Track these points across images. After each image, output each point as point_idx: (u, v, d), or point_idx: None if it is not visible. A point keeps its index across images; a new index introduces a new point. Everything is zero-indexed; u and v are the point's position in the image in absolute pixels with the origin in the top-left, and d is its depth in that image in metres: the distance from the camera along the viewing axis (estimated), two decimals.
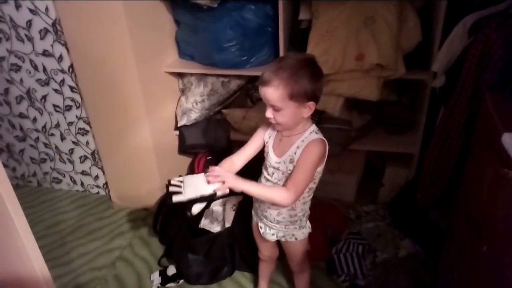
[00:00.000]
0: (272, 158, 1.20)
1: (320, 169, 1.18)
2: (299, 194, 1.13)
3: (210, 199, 1.10)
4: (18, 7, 1.79)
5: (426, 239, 1.68)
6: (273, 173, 1.20)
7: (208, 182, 1.10)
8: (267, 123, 1.20)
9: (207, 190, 1.08)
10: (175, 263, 1.74)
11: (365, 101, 1.78)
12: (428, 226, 1.70)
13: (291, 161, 1.15)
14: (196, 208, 1.10)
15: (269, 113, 1.12)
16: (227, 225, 1.73)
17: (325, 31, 1.69)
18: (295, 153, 1.14)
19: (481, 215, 1.05)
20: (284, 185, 1.15)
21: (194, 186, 1.10)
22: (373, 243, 1.74)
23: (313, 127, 1.18)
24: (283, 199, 1.11)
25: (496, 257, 0.94)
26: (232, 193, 1.13)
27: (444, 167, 1.57)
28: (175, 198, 1.07)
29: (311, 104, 1.10)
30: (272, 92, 1.07)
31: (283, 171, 1.18)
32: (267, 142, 1.23)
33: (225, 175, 1.11)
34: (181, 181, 1.12)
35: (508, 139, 0.87)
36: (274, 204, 1.21)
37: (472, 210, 1.12)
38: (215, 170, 1.13)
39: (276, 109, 1.10)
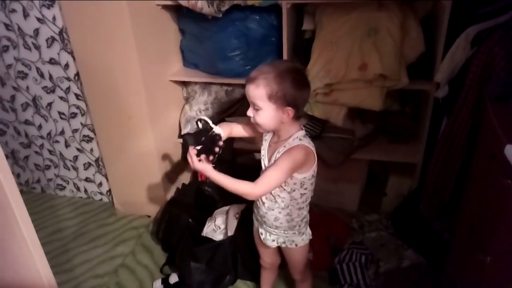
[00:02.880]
0: (265, 162, 1.24)
1: (308, 175, 1.17)
2: (264, 190, 1.15)
3: None
4: (26, 16, 1.82)
5: (429, 250, 1.67)
6: None
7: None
8: None
9: None
10: (177, 271, 1.74)
11: (368, 111, 1.79)
12: (432, 236, 1.69)
13: None
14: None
15: (249, 112, 1.16)
16: (230, 233, 1.72)
17: (328, 41, 1.70)
18: (276, 159, 1.16)
19: (484, 226, 1.05)
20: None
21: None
22: (376, 253, 1.74)
23: (299, 133, 1.17)
24: (247, 190, 1.13)
25: (500, 268, 0.94)
26: (235, 201, 1.15)
27: (447, 177, 1.57)
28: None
29: (290, 110, 1.12)
30: (253, 90, 1.11)
31: None
32: (263, 144, 1.26)
33: (196, 163, 1.15)
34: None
35: (511, 151, 0.87)
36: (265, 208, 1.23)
37: (475, 221, 1.12)
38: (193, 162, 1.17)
39: (256, 108, 1.13)
